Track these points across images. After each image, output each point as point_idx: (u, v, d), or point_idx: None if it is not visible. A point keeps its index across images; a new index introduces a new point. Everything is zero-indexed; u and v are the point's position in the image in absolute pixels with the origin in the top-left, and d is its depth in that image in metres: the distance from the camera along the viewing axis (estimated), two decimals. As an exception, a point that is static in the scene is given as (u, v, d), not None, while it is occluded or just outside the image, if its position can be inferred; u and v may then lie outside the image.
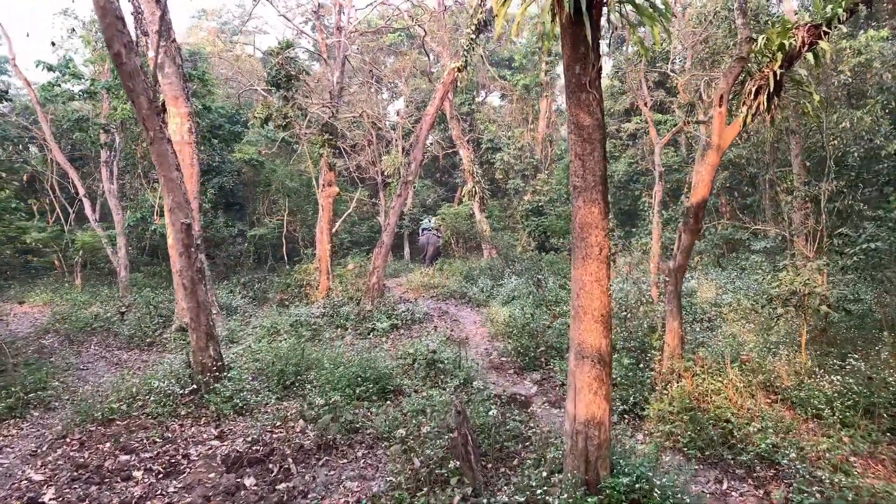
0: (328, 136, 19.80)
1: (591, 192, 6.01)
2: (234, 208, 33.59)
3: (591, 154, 5.97)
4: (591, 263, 6.06)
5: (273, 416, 9.35)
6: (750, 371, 9.47)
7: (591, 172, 5.99)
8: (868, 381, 8.68)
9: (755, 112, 8.55)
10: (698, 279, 19.25)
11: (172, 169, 10.06)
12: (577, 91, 5.91)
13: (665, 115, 29.85)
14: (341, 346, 13.81)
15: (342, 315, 17.34)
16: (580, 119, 5.93)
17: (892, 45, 19.90)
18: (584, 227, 6.05)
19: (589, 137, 5.94)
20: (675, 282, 10.08)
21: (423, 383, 11.05)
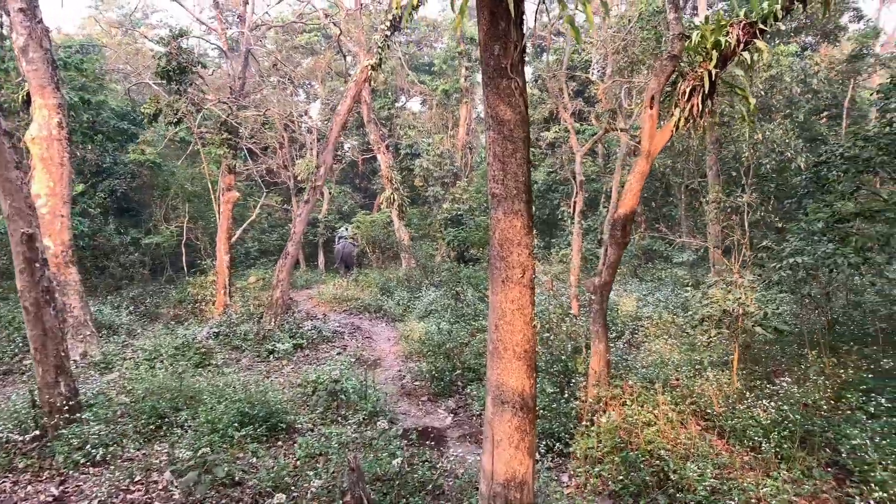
0: (227, 135, 17.97)
1: (513, 202, 4.91)
2: (129, 214, 30.67)
3: (512, 155, 4.87)
4: (512, 288, 4.96)
5: (133, 468, 7.69)
6: (680, 397, 8.73)
7: (514, 178, 4.89)
8: (803, 408, 8.12)
9: (688, 115, 7.79)
10: (617, 291, 18.84)
11: (10, 168, 8.22)
12: (495, 77, 4.80)
13: (584, 125, 29.76)
14: (232, 372, 12.14)
15: (239, 335, 15.59)
16: (500, 112, 4.83)
17: (801, 60, 20.36)
18: (505, 244, 4.95)
19: (510, 135, 4.84)
20: (601, 300, 9.23)
21: (323, 418, 9.65)
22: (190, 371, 11.70)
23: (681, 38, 7.96)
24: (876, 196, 12.38)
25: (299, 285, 28.21)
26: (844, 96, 27.16)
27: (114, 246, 25.82)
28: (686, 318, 14.19)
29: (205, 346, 14.28)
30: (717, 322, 8.67)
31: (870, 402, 8.58)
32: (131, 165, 28.10)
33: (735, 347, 8.85)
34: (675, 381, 9.24)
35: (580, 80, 31.18)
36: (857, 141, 11.39)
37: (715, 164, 16.93)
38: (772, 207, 18.83)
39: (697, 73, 7.77)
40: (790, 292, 12.11)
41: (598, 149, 32.13)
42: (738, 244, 12.03)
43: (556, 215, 30.00)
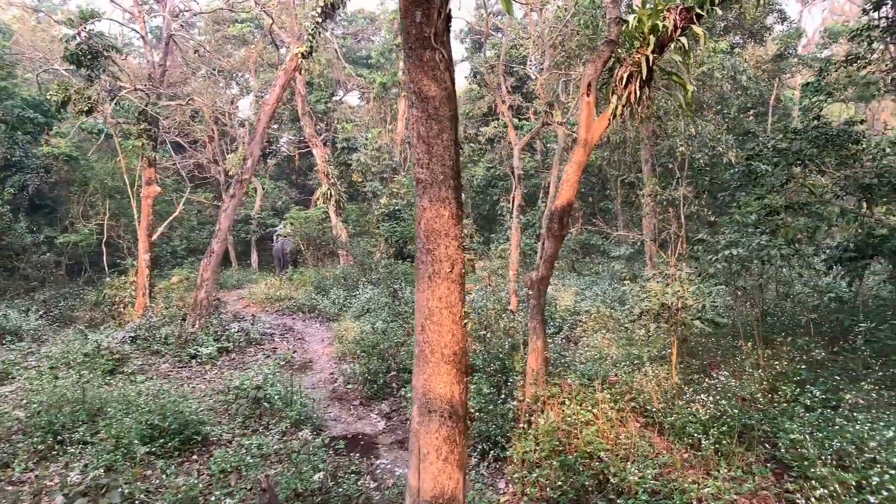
0: (146, 125, 16.77)
1: (440, 189, 4.42)
2: (43, 211, 28.59)
3: (438, 136, 4.37)
4: (439, 284, 4.47)
5: (20, 494, 6.79)
6: (619, 394, 8.49)
7: (440, 161, 4.40)
8: (741, 403, 8.01)
9: (626, 103, 7.50)
10: (556, 286, 18.71)
11: None
12: (417, 48, 4.29)
13: (522, 121, 29.71)
14: (147, 380, 11.19)
15: (159, 338, 14.53)
16: (423, 87, 4.32)
17: (731, 58, 20.77)
18: (432, 236, 4.45)
19: (435, 113, 4.34)
20: (539, 295, 8.88)
21: (244, 428, 8.92)
22: (98, 380, 10.69)
23: (618, 22, 7.68)
24: (804, 188, 12.61)
25: (230, 285, 26.97)
26: (770, 94, 28.10)
27: (25, 245, 23.94)
28: (624, 311, 14.13)
29: (119, 352, 13.20)
30: (656, 316, 8.46)
31: (804, 393, 8.60)
32: (45, 159, 26.16)
33: (673, 341, 8.68)
34: (614, 377, 8.99)
35: (518, 74, 31.14)
36: (788, 134, 11.51)
37: (650, 158, 17.00)
38: (705, 201, 19.14)
39: (635, 58, 7.48)
40: (725, 284, 12.17)
41: (537, 145, 32.17)
42: (674, 237, 11.98)
43: (496, 210, 29.82)
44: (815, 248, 14.41)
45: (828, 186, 11.93)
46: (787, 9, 29.91)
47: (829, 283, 14.51)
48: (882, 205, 12.34)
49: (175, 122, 29.11)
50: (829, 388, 8.71)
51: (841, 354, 9.78)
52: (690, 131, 17.94)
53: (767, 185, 12.90)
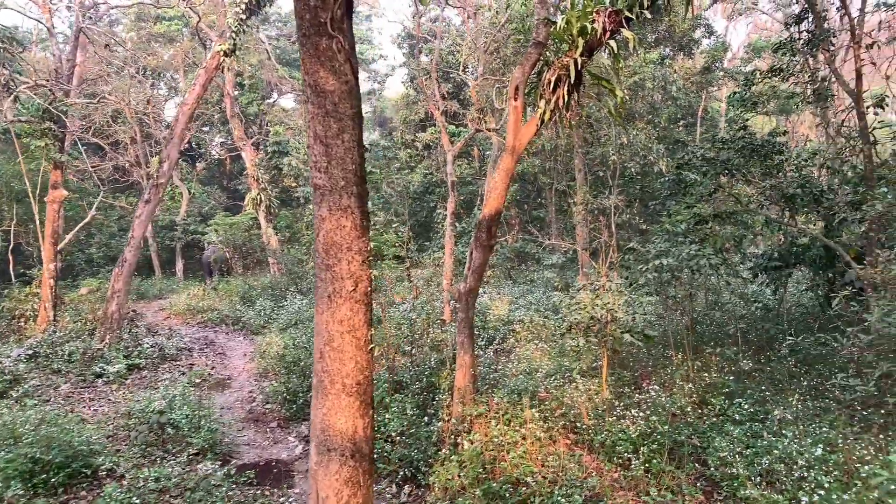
0: (50, 125, 15.45)
1: (341, 196, 3.89)
2: (-61, 216, 26.19)
3: (338, 136, 3.85)
4: (341, 305, 3.93)
5: None
6: (549, 411, 8.15)
7: (341, 165, 3.87)
8: (671, 418, 7.81)
9: (554, 108, 7.18)
10: (490, 294, 18.42)
11: None
12: (312, 35, 3.75)
13: (460, 127, 29.44)
14: (38, 404, 10.09)
15: (62, 355, 13.29)
16: (320, 80, 3.79)
17: (661, 68, 21.13)
18: (332, 250, 3.91)
19: (334, 110, 3.82)
20: (467, 308, 8.44)
21: (144, 457, 8.07)
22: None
23: (546, 24, 7.36)
24: (731, 197, 12.74)
25: (151, 295, 25.46)
26: (699, 105, 28.91)
27: (-85, 254, 21.81)
28: (556, 320, 13.93)
29: (12, 372, 11.96)
30: (586, 329, 8.17)
31: (733, 405, 8.50)
32: (-59, 159, 23.98)
33: (604, 354, 8.41)
34: (545, 393, 8.65)
35: (455, 81, 30.90)
36: (716, 143, 11.57)
37: (583, 166, 16.97)
38: (636, 209, 19.32)
39: (563, 62, 7.17)
40: (655, 294, 12.12)
41: (474, 151, 32.01)
42: (606, 246, 11.85)
43: (433, 217, 29.43)
44: (741, 256, 14.65)
45: (753, 196, 12.06)
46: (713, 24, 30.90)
47: (754, 292, 14.79)
48: (804, 214, 12.61)
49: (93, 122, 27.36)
50: (756, 399, 8.65)
51: (768, 365, 9.78)
52: (622, 140, 18.06)
53: (696, 195, 12.98)
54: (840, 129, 16.89)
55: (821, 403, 8.35)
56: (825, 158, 11.93)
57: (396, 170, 33.29)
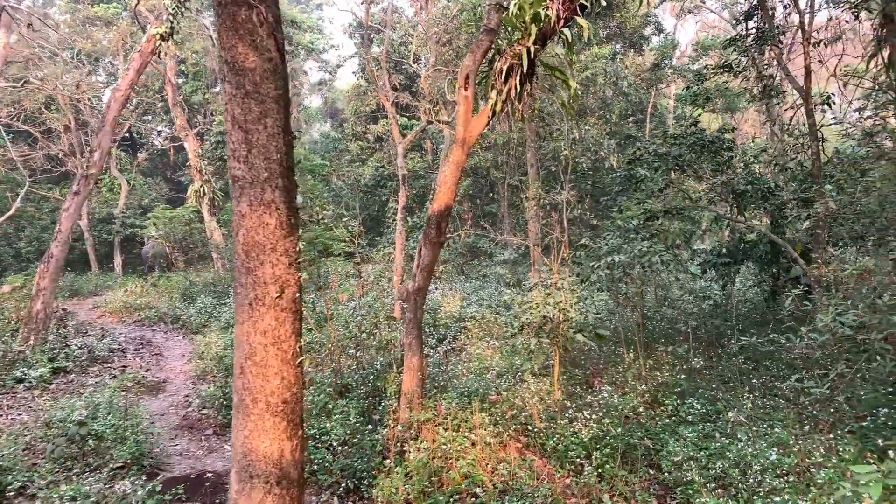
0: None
1: (264, 189, 3.42)
2: None
3: (260, 121, 3.38)
4: (264, 314, 3.47)
5: None
6: (500, 414, 7.84)
7: (263, 154, 3.40)
8: (625, 421, 7.61)
9: (506, 98, 6.83)
10: (442, 290, 18.08)
11: None
12: (229, 4, 3.26)
13: (412, 120, 28.95)
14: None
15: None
16: (238, 56, 3.31)
17: (613, 63, 21.13)
18: (253, 251, 3.44)
19: (255, 90, 3.34)
20: (415, 307, 8.04)
21: (64, 472, 7.38)
22: None
23: (498, 10, 6.99)
24: (682, 193, 12.73)
25: (86, 292, 24.13)
26: (648, 102, 29.20)
27: None
28: (508, 317, 13.69)
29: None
30: (538, 329, 7.88)
31: (685, 404, 8.39)
32: None
33: (556, 355, 8.15)
34: (495, 395, 8.34)
35: (408, 72, 30.38)
36: (668, 138, 11.49)
37: (535, 161, 16.77)
38: (588, 205, 19.27)
39: (515, 50, 6.82)
40: (607, 290, 12.00)
41: (427, 145, 31.60)
42: (558, 242, 11.65)
43: (385, 212, 28.88)
44: (690, 253, 14.72)
45: (704, 192, 12.07)
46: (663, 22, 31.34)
47: (702, 287, 14.89)
48: (751, 210, 12.69)
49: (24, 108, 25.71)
50: (707, 398, 8.56)
51: (718, 363, 9.73)
52: (574, 135, 17.95)
53: (647, 190, 12.93)
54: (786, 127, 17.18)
55: (770, 402, 8.32)
56: (773, 155, 12.01)
57: (347, 162, 32.58)
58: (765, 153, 11.95)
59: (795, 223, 12.02)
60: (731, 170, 11.69)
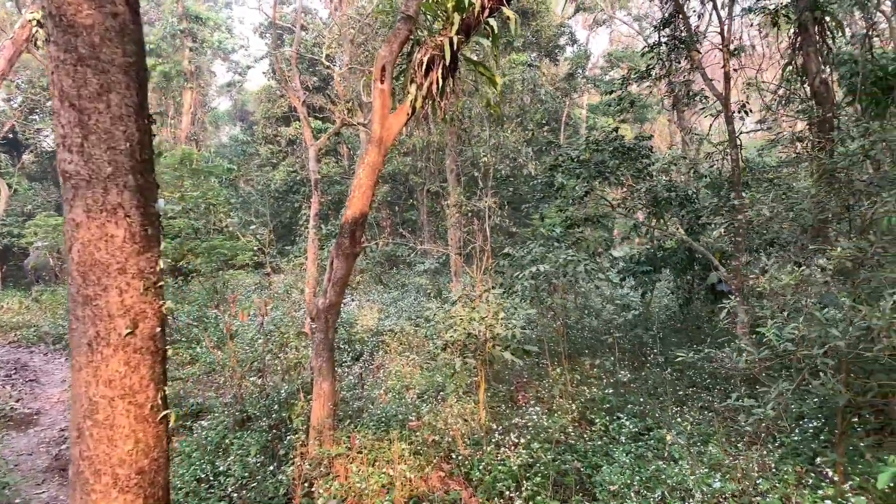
0: None
1: (108, 190, 2.54)
2: None
3: (100, 98, 2.50)
4: (109, 359, 2.58)
5: None
6: (421, 443, 7.12)
7: (106, 142, 2.52)
8: (555, 445, 7.09)
9: (427, 94, 6.16)
10: (359, 302, 17.16)
11: None
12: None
13: (327, 123, 27.81)
14: None
15: None
16: (67, 8, 2.42)
17: (530, 70, 21.03)
18: (93, 273, 2.55)
19: (93, 55, 2.47)
20: (326, 327, 7.19)
21: None
22: None
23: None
24: (603, 201, 12.55)
25: (-43, 308, 21.34)
26: (563, 111, 29.55)
27: None
28: (429, 328, 13.04)
29: None
30: (462, 348, 7.23)
31: (614, 421, 7.99)
32: None
33: (480, 374, 7.52)
34: (415, 421, 7.62)
35: (322, 74, 29.25)
36: (590, 145, 11.23)
37: (455, 166, 16.24)
38: (507, 212, 18.97)
39: (437, 41, 6.17)
40: (530, 300, 11.58)
41: (343, 150, 30.52)
42: (480, 251, 11.10)
43: (297, 219, 27.55)
44: (610, 260, 14.63)
45: (625, 199, 11.91)
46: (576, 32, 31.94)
47: (622, 295, 14.82)
48: (668, 218, 12.67)
49: None
50: (637, 413, 8.21)
51: (646, 376, 9.45)
52: (493, 141, 17.60)
53: (569, 198, 12.67)
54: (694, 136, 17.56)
55: (700, 416, 8.07)
56: (692, 163, 12.03)
57: (257, 167, 30.93)
58: (684, 160, 11.94)
59: (711, 230, 12.09)
60: (650, 177, 11.59)
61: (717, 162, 11.44)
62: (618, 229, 24.47)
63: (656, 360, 10.52)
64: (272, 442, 7.25)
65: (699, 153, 14.10)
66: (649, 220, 12.22)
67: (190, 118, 29.29)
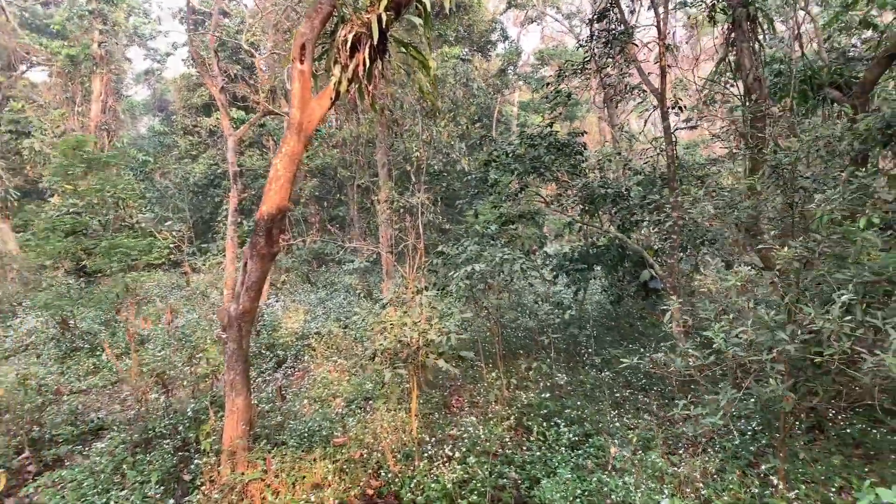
0: None
1: None
2: None
3: None
4: None
5: None
6: (348, 461, 6.51)
7: None
8: (492, 458, 6.63)
9: (353, 77, 5.54)
10: (284, 303, 16.23)
11: None
12: None
13: (250, 114, 26.45)
14: None
15: None
16: None
17: (463, 64, 20.62)
18: None
19: None
20: (239, 336, 6.45)
21: None
22: None
23: (340, -34, 5.66)
24: (537, 197, 12.26)
25: None
26: (495, 107, 29.39)
27: None
28: (358, 330, 12.40)
29: None
30: (393, 357, 6.65)
31: (551, 427, 7.64)
32: None
33: (413, 383, 6.97)
34: (341, 437, 6.99)
35: (246, 63, 27.85)
36: (525, 140, 10.88)
37: (386, 160, 15.58)
38: (440, 209, 18.49)
39: (363, 17, 5.55)
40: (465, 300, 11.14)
41: (269, 143, 29.19)
42: (413, 248, 10.56)
43: (219, 214, 26.07)
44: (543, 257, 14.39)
45: (559, 196, 11.65)
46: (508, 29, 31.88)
47: (556, 293, 14.62)
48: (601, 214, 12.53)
49: None
50: (574, 419, 7.88)
51: (586, 382, 9.16)
52: (425, 135, 17.07)
53: (503, 194, 12.32)
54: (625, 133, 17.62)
55: (638, 420, 7.84)
56: (625, 160, 11.91)
57: (175, 159, 29.13)
58: (618, 156, 11.78)
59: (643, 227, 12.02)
60: (584, 174, 11.38)
61: (651, 158, 11.32)
62: (549, 226, 24.50)
63: (592, 360, 10.30)
64: (178, 466, 6.43)
65: (631, 150, 14.05)
66: (582, 217, 12.02)
67: (100, 106, 27.17)
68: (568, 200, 11.75)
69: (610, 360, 9.89)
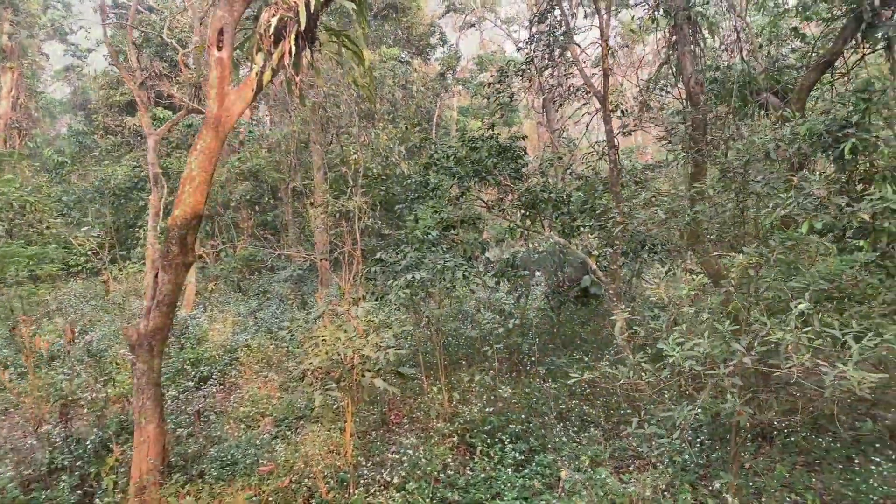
0: None
1: None
2: None
3: None
4: None
5: None
6: (275, 491, 5.89)
7: None
8: (434, 483, 6.15)
9: (278, 66, 4.97)
10: (211, 313, 15.25)
11: None
12: None
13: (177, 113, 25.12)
14: None
15: None
16: None
17: (402, 65, 20.18)
18: None
19: None
20: (150, 356, 5.74)
21: None
22: None
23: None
24: (478, 201, 11.94)
25: None
26: (435, 111, 29.07)
27: None
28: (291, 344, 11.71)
29: None
30: (325, 376, 6.09)
31: (495, 444, 7.25)
32: None
33: (349, 407, 6.41)
34: (267, 464, 6.36)
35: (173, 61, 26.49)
36: (467, 142, 10.52)
37: (322, 163, 14.91)
38: (379, 213, 17.92)
39: (290, 1, 5.00)
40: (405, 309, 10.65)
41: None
42: (349, 256, 10.01)
43: (141, 219, 24.57)
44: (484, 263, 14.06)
45: (500, 200, 11.36)
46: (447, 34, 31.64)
47: (498, 299, 14.32)
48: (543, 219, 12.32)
49: None
50: (519, 434, 7.51)
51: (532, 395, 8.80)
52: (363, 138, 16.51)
53: (444, 198, 11.94)
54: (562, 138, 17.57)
55: (585, 432, 7.55)
56: (566, 164, 11.73)
57: (95, 160, 27.35)
58: (560, 160, 11.59)
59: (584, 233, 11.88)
60: (527, 178, 11.14)
61: (593, 163, 11.17)
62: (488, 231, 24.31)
63: (536, 370, 10.00)
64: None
65: (572, 156, 13.94)
66: (523, 222, 11.78)
67: (10, 103, 25.20)
68: (509, 205, 11.48)
69: (553, 370, 9.59)
